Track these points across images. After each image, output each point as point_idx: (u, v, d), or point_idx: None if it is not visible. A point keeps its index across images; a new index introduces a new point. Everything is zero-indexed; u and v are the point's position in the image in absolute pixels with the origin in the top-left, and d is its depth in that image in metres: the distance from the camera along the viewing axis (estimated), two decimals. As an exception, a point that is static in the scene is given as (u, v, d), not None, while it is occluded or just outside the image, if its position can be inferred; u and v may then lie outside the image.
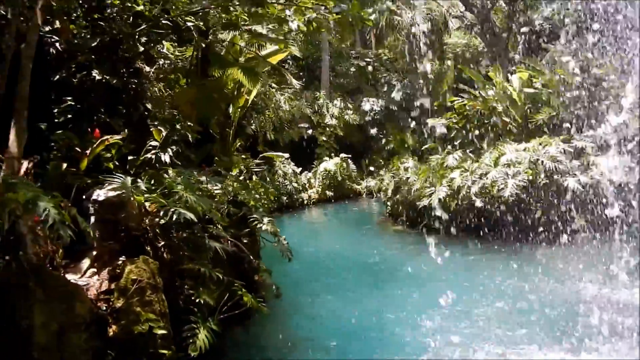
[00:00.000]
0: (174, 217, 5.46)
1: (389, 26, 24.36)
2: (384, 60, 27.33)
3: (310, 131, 22.94)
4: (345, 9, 7.56)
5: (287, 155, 17.75)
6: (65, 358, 4.54)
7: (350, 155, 21.95)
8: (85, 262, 5.88)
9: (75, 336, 4.67)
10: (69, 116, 7.15)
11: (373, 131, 24.10)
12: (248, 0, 7.02)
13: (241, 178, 11.04)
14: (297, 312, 7.84)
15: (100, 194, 5.65)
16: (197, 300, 5.63)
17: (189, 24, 8.16)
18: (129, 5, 7.37)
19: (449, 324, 6.92)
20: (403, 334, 6.72)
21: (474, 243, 11.73)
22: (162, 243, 6.01)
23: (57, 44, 7.37)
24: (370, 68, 25.06)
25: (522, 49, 19.87)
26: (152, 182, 6.52)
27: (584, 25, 19.83)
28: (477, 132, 15.57)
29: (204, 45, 11.51)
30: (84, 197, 5.87)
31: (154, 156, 7.84)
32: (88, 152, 6.19)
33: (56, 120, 7.09)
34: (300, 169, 20.69)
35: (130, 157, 7.67)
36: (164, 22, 7.74)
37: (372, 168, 23.76)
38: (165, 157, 7.91)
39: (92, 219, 5.80)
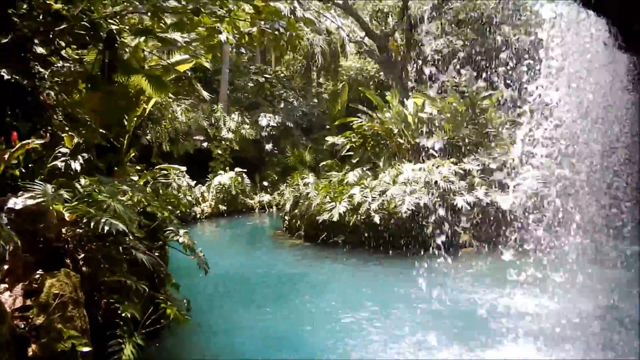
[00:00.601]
0: (106, 227, 5.25)
1: (290, 44, 24.77)
2: (281, 77, 27.79)
3: (205, 144, 22.68)
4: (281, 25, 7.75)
5: (184, 168, 17.39)
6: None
7: (245, 170, 21.97)
8: (-6, 277, 5.43)
9: (-6, 355, 4.34)
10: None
11: (268, 146, 24.33)
12: (185, 8, 6.95)
13: (148, 189, 10.69)
14: (210, 326, 7.80)
15: (17, 202, 5.28)
16: (122, 315, 5.44)
17: (113, 27, 7.85)
18: (46, 2, 6.95)
19: (358, 328, 7.35)
20: (314, 341, 7.00)
21: (372, 256, 12.33)
22: (82, 255, 5.73)
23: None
24: (268, 84, 25.33)
25: (414, 76, 21.28)
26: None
27: (473, 59, 21.84)
28: (374, 151, 16.41)
29: (111, 49, 11.08)
30: (-6, 205, 5.45)
31: (63, 164, 7.43)
32: (6, 156, 5.76)
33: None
34: (195, 182, 20.37)
35: (31, 165, 7.22)
36: (83, 23, 7.37)
37: (265, 183, 23.97)
38: (76, 165, 7.53)
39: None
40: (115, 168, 12.19)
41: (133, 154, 16.24)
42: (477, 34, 22.62)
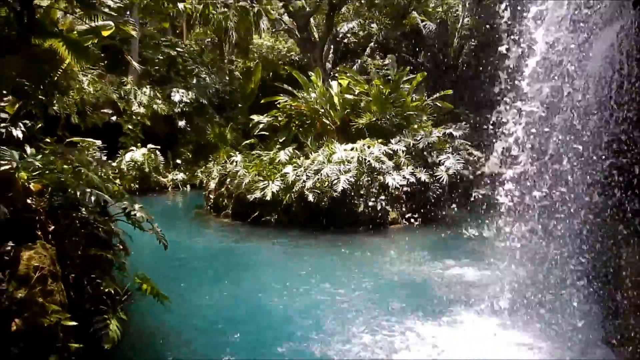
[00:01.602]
0: (92, 198, 4.92)
1: (202, 17, 24.05)
2: (192, 51, 26.86)
3: (114, 118, 21.43)
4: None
5: (98, 142, 16.34)
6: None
7: (158, 147, 21.15)
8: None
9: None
10: None
11: (181, 123, 23.51)
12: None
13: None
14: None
15: (-19, 169, 4.78)
16: (105, 290, 5.14)
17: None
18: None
19: (313, 305, 7.51)
20: (266, 319, 7.06)
21: (306, 234, 12.50)
22: (52, 227, 5.32)
23: None
24: (180, 59, 24.38)
25: (332, 58, 21.57)
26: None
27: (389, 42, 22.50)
28: (298, 130, 16.51)
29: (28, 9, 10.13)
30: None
31: (4, 130, 6.78)
32: None
33: None
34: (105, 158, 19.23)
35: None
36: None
37: (179, 161, 23.24)
38: (17, 133, 6.90)
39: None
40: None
41: (39, 125, 15.04)
42: (391, 19, 23.38)
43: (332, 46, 22.05)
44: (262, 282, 8.80)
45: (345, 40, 23.45)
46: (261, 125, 17.69)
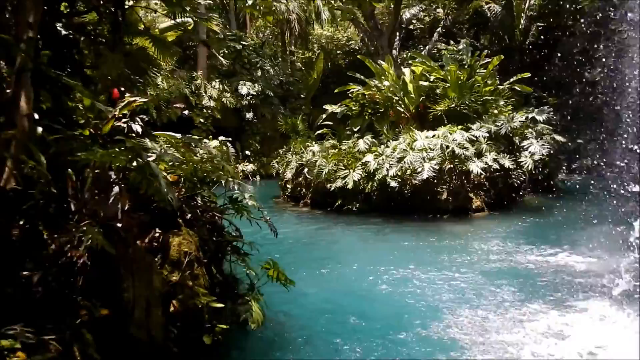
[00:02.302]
0: (231, 186, 5.08)
1: (266, 9, 24.29)
2: (254, 44, 27.20)
3: (186, 112, 21.98)
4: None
5: (178, 135, 16.80)
6: (150, 335, 4.04)
7: (229, 139, 21.55)
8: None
9: (155, 311, 4.17)
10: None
11: (249, 115, 23.95)
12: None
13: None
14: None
15: (131, 160, 5.00)
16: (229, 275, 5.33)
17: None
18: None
19: (422, 293, 7.46)
20: (382, 306, 7.04)
21: (390, 222, 12.49)
22: (189, 216, 5.53)
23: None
24: (245, 52, 24.73)
25: (398, 44, 21.37)
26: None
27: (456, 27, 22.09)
28: (371, 119, 16.47)
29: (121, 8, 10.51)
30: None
31: (125, 125, 7.05)
32: (116, 112, 5.41)
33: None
34: (180, 150, 19.79)
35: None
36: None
37: (247, 152, 23.71)
38: (137, 127, 7.16)
39: (116, 188, 5.12)
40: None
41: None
42: (456, 2, 22.92)
43: (397, 33, 21.83)
44: (361, 269, 8.84)
45: (411, 27, 23.15)
46: (324, 115, 17.80)
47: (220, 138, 22.47)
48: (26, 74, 4.75)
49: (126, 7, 13.05)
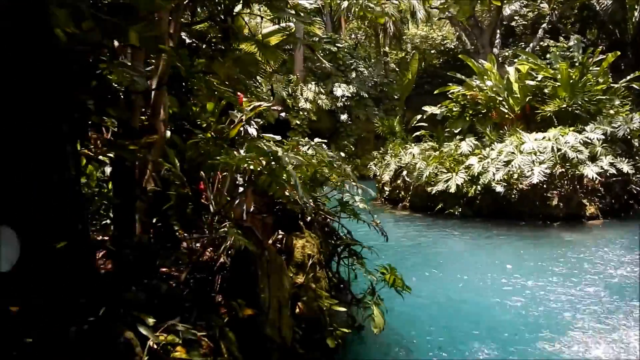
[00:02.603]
0: (354, 189, 5.09)
1: (362, 11, 24.27)
2: (348, 45, 27.30)
3: (283, 114, 22.49)
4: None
5: (278, 137, 17.19)
6: (282, 336, 4.11)
7: (325, 141, 21.75)
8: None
9: (285, 312, 4.24)
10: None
11: (343, 117, 24.06)
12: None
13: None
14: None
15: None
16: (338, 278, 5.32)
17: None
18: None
19: (552, 305, 7.06)
20: (499, 316, 6.73)
21: (495, 227, 12.00)
22: (309, 219, 5.59)
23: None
24: (341, 54, 24.88)
25: (499, 42, 20.59)
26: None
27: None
28: (472, 121, 15.97)
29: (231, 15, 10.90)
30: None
31: (242, 128, 7.27)
32: (243, 117, 5.62)
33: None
34: (278, 152, 20.24)
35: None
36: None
37: (342, 154, 23.78)
38: (252, 130, 7.37)
39: (240, 189, 5.27)
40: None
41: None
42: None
43: (497, 30, 21.02)
44: (468, 276, 8.55)
45: (513, 23, 22.22)
46: (418, 117, 17.48)
47: (316, 140, 22.83)
48: (163, 79, 5.03)
49: (234, 14, 13.61)
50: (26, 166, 2.75)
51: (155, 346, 2.74)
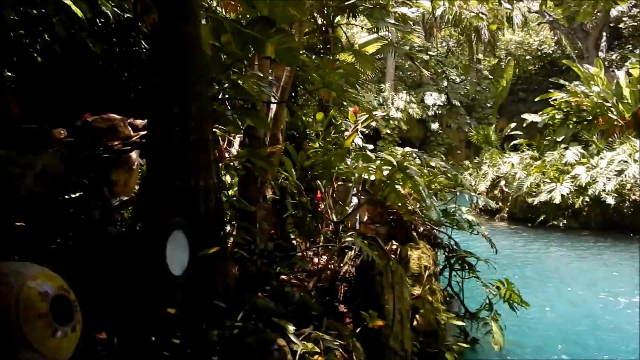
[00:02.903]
0: (475, 200, 4.95)
1: (455, 18, 23.82)
2: (439, 53, 26.82)
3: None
4: None
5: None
6: (404, 349, 4.04)
7: (415, 150, 21.46)
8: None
9: (406, 324, 4.17)
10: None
11: (434, 125, 23.63)
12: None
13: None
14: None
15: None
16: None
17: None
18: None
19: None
20: (616, 342, 6.22)
21: (606, 241, 11.24)
22: (421, 229, 5.50)
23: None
24: (432, 62, 24.49)
25: (605, 46, 19.40)
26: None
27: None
28: (576, 128, 15.11)
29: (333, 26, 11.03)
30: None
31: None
32: (358, 127, 5.68)
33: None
34: (368, 161, 20.21)
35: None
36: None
37: (432, 163, 23.35)
38: (358, 140, 7.39)
39: (354, 199, 5.28)
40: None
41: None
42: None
43: (604, 33, 19.82)
44: (579, 293, 8.07)
45: (621, 25, 20.87)
46: (512, 125, 16.73)
47: (406, 149, 22.57)
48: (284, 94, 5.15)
49: (335, 25, 13.79)
50: (182, 172, 2.89)
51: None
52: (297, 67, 4.64)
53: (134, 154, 4.14)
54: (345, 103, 8.67)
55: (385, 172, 4.47)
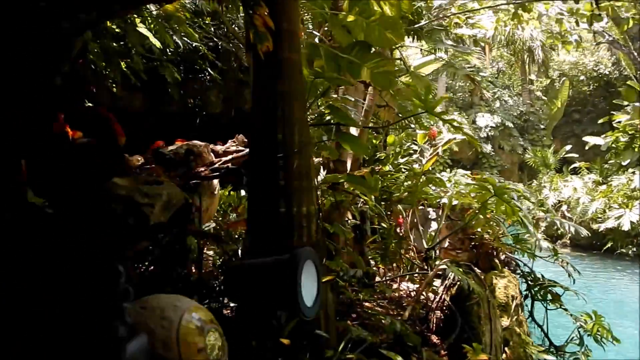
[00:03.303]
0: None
1: (508, 39, 23.48)
2: (491, 74, 26.47)
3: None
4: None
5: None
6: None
7: (468, 172, 21.09)
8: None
9: (500, 356, 3.98)
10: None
11: (486, 147, 23.16)
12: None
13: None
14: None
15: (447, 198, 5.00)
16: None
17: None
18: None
19: None
20: None
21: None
22: (503, 257, 5.30)
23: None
24: (484, 84, 24.15)
25: (670, 66, 18.67)
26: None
27: None
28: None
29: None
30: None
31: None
32: (439, 151, 5.60)
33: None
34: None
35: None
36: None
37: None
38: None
39: (433, 223, 5.15)
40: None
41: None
42: None
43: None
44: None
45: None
46: (567, 147, 16.21)
47: (459, 171, 22.23)
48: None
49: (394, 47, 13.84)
50: (286, 198, 2.86)
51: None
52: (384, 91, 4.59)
53: (215, 180, 4.17)
54: (413, 126, 8.59)
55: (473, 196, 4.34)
